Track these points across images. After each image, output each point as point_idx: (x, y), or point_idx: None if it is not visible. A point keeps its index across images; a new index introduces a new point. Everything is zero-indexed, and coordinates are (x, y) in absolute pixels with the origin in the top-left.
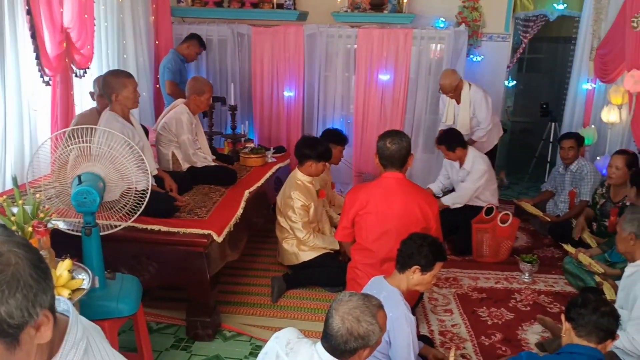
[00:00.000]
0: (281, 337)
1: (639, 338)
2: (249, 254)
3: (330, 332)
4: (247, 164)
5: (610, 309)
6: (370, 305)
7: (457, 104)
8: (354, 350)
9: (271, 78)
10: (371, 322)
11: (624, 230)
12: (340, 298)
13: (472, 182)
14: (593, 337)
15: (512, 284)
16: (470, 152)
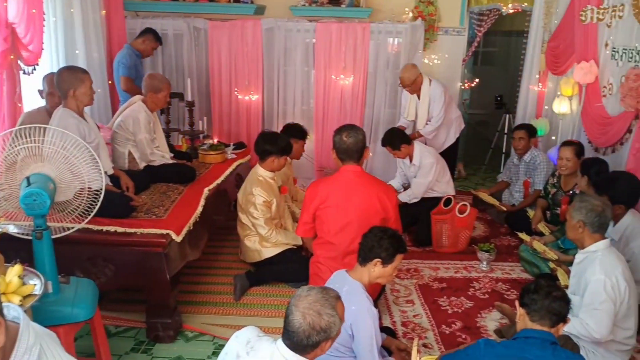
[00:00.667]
0: (241, 337)
1: (592, 323)
2: (210, 253)
3: (292, 328)
4: (206, 160)
5: (561, 293)
6: (329, 298)
7: (419, 99)
8: (317, 344)
9: (229, 73)
10: (332, 314)
11: (572, 218)
12: (299, 294)
13: (423, 177)
14: (546, 321)
15: (471, 272)
16: (417, 147)
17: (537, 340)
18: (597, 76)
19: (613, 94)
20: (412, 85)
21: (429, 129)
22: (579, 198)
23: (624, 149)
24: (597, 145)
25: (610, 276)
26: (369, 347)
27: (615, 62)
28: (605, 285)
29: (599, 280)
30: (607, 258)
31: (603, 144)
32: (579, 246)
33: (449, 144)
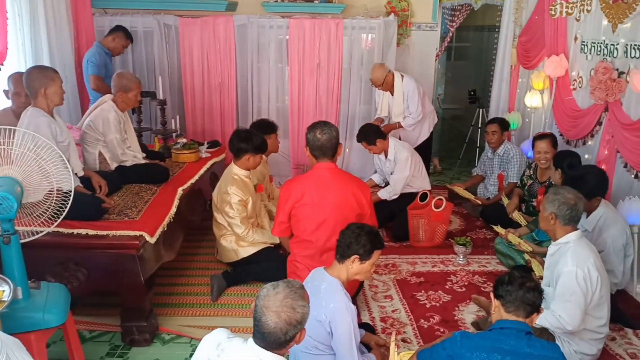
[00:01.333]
0: (210, 340)
1: (565, 315)
2: (186, 254)
3: (267, 329)
4: (180, 160)
5: (534, 284)
6: (297, 290)
7: (392, 95)
8: (294, 337)
9: (202, 70)
10: (304, 305)
11: (545, 210)
12: (265, 294)
13: (400, 172)
14: (521, 311)
15: (448, 266)
16: (391, 142)
17: (512, 331)
18: (567, 70)
19: (583, 87)
20: (383, 84)
21: (410, 122)
22: (554, 190)
23: (595, 141)
24: (568, 137)
25: (582, 267)
26: (348, 344)
27: (585, 55)
28: (577, 276)
29: (570, 271)
30: (579, 249)
31: (574, 137)
32: (552, 237)
33: (423, 139)
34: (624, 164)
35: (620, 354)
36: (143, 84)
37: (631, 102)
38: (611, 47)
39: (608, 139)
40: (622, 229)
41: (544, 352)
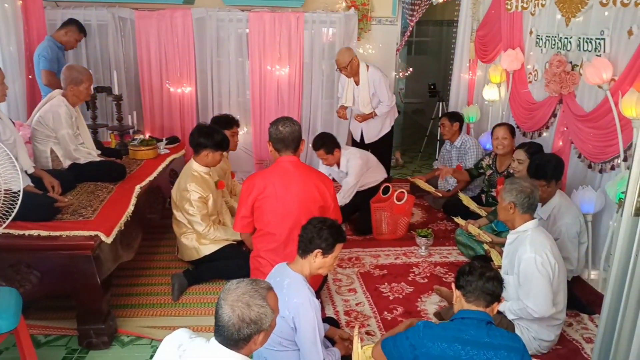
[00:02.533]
0: (171, 341)
1: (530, 304)
2: (146, 253)
3: (222, 323)
4: (137, 157)
5: (494, 274)
6: (259, 289)
7: (357, 85)
8: (249, 337)
9: (159, 65)
10: (262, 305)
11: (503, 200)
12: (228, 287)
13: (354, 177)
14: (481, 301)
15: (411, 258)
16: (343, 153)
17: (473, 321)
18: (522, 63)
19: (538, 80)
20: (348, 68)
21: (384, 110)
22: (510, 181)
23: (550, 133)
24: (524, 129)
25: (540, 253)
26: (312, 339)
27: (540, 49)
28: (536, 262)
29: (529, 258)
30: (536, 236)
31: (530, 129)
32: (510, 227)
33: (385, 132)
34: (578, 155)
35: (577, 339)
36: (98, 79)
37: (584, 94)
38: (565, 41)
39: (562, 131)
40: (576, 217)
41: (503, 342)
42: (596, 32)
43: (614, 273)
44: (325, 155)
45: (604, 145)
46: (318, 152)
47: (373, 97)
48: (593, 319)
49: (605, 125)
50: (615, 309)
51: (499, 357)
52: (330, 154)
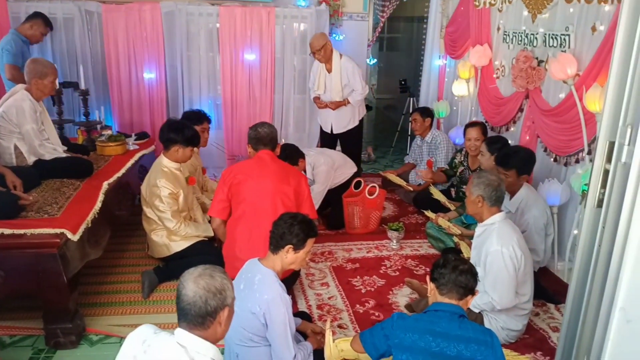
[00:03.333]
0: (135, 337)
1: (496, 296)
2: (115, 250)
3: (187, 300)
4: (105, 153)
5: (468, 267)
6: (215, 268)
7: (329, 73)
8: (215, 311)
9: (128, 59)
10: (224, 277)
11: (472, 193)
12: (185, 273)
13: (321, 184)
14: (454, 294)
15: (382, 251)
16: (308, 161)
17: (445, 314)
18: (490, 59)
19: (505, 76)
20: (321, 51)
21: (358, 98)
22: (477, 175)
23: (517, 127)
24: (492, 124)
25: (507, 246)
26: (283, 335)
27: (507, 45)
28: (503, 255)
29: (496, 251)
30: (504, 229)
31: (497, 123)
32: (478, 220)
33: (352, 126)
34: (544, 149)
35: (544, 328)
36: (64, 74)
37: (550, 89)
38: (531, 37)
39: (529, 125)
40: (542, 210)
41: (474, 335)
42: (561, 29)
43: (578, 263)
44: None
45: (569, 139)
46: None
47: (346, 86)
48: (559, 309)
49: (570, 119)
50: (580, 298)
51: (470, 350)
52: (295, 165)
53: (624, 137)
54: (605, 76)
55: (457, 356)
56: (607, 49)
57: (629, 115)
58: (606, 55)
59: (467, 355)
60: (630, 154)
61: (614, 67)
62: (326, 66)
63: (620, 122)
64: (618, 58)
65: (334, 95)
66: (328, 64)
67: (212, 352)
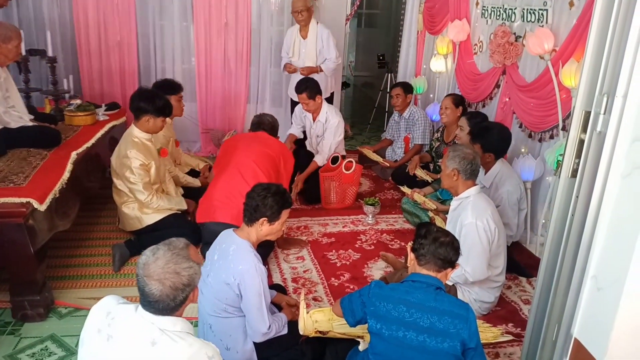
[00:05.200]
0: (99, 309)
1: (469, 268)
2: (85, 224)
3: (153, 298)
4: (74, 123)
5: (449, 239)
6: (179, 252)
7: (304, 39)
8: (185, 299)
9: (98, 27)
10: (190, 267)
11: (447, 167)
12: (145, 261)
13: (331, 137)
14: (432, 265)
15: (358, 226)
16: (324, 105)
17: (422, 284)
18: (469, 34)
19: (483, 52)
20: (305, 12)
21: (331, 66)
22: (452, 148)
23: (493, 103)
24: (469, 100)
25: (481, 219)
26: (258, 305)
27: (485, 20)
28: (478, 227)
29: (471, 224)
30: (478, 202)
31: (474, 99)
32: (453, 194)
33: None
34: (519, 124)
35: (515, 301)
36: (31, 41)
37: (526, 65)
38: (509, 12)
39: (505, 101)
40: (516, 185)
41: (449, 308)
42: (539, 3)
43: (551, 233)
44: (307, 100)
45: (544, 115)
46: (300, 95)
47: (320, 54)
48: (530, 282)
49: (546, 95)
50: (552, 267)
51: (443, 322)
52: (312, 99)
53: (600, 106)
54: (581, 51)
55: (430, 327)
56: (584, 24)
57: (605, 84)
58: (583, 30)
59: (440, 327)
60: (605, 123)
61: (591, 35)
62: (301, 33)
63: (597, 91)
64: (596, 26)
65: (307, 62)
66: (305, 28)
67: (180, 323)
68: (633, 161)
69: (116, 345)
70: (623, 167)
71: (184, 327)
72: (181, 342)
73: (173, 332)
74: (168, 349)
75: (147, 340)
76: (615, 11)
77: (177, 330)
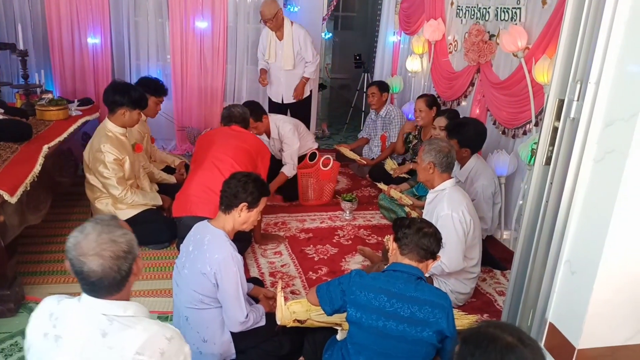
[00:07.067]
0: (40, 313)
1: (445, 259)
2: (57, 220)
3: (95, 276)
4: (46, 117)
5: (432, 230)
6: (108, 223)
7: (279, 40)
8: (130, 269)
9: (70, 23)
10: (125, 233)
11: (423, 160)
12: (74, 242)
13: (290, 146)
14: (415, 255)
15: (335, 222)
16: (271, 120)
17: (403, 274)
18: (444, 33)
19: (458, 51)
20: (273, 20)
21: (312, 69)
22: (428, 142)
23: (468, 101)
24: (444, 99)
25: (457, 210)
26: (235, 295)
27: (460, 19)
28: (453, 219)
29: (447, 215)
30: (454, 195)
31: (449, 98)
32: (429, 187)
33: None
34: (493, 121)
35: (490, 292)
36: (1, 35)
37: (500, 63)
38: (483, 11)
39: (479, 99)
40: (491, 179)
41: (429, 298)
42: (513, 2)
43: (526, 219)
44: (254, 124)
45: (517, 111)
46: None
47: (297, 54)
48: (505, 274)
49: (519, 92)
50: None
51: (423, 312)
52: (259, 121)
53: (574, 93)
54: (554, 48)
55: (410, 317)
56: (556, 22)
57: (578, 72)
58: (555, 27)
59: (420, 316)
60: (579, 109)
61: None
62: (277, 34)
63: (570, 79)
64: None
65: (284, 64)
66: (279, 31)
67: (132, 308)
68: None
69: (66, 345)
70: (595, 152)
71: (137, 310)
72: (135, 327)
73: (124, 317)
74: (120, 336)
75: (96, 331)
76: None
77: (129, 315)
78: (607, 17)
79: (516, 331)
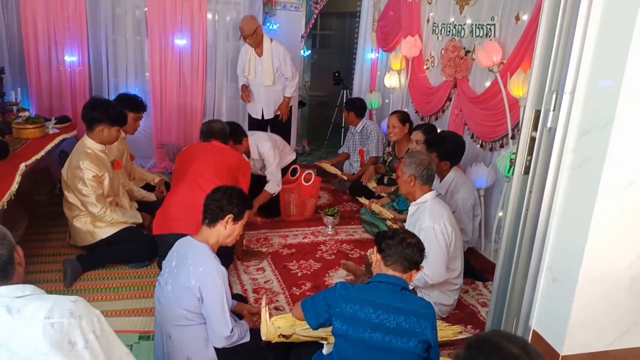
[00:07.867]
0: None
1: (428, 271)
2: (34, 240)
3: None
4: (23, 135)
5: (415, 241)
6: None
7: (259, 56)
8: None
9: (47, 41)
10: None
11: (404, 173)
12: None
13: (271, 164)
14: (399, 265)
15: (318, 237)
16: (250, 140)
17: (388, 285)
18: (421, 50)
19: (435, 66)
20: (253, 36)
21: (293, 86)
22: (408, 155)
23: (445, 116)
24: (422, 114)
25: (439, 222)
26: (220, 308)
27: (436, 36)
28: (435, 231)
29: (429, 227)
30: (435, 206)
31: (427, 113)
32: (411, 199)
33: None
34: (471, 135)
35: (473, 304)
36: None
37: (476, 78)
38: (459, 28)
39: (457, 113)
40: (470, 191)
41: (415, 308)
42: (487, 18)
43: (507, 229)
44: (234, 146)
45: (494, 125)
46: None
47: (277, 70)
48: (487, 286)
49: (495, 106)
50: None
51: (409, 322)
52: (239, 143)
53: (550, 103)
54: (528, 63)
55: (396, 328)
56: (530, 37)
57: (554, 82)
58: (529, 42)
59: (406, 327)
60: (555, 119)
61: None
62: (256, 50)
63: (546, 89)
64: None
65: (264, 80)
66: (259, 47)
67: (30, 288)
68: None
69: None
70: (572, 160)
71: (35, 289)
72: (37, 300)
73: (25, 296)
74: (26, 309)
75: (1, 310)
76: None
77: (28, 293)
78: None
79: (524, 344)
